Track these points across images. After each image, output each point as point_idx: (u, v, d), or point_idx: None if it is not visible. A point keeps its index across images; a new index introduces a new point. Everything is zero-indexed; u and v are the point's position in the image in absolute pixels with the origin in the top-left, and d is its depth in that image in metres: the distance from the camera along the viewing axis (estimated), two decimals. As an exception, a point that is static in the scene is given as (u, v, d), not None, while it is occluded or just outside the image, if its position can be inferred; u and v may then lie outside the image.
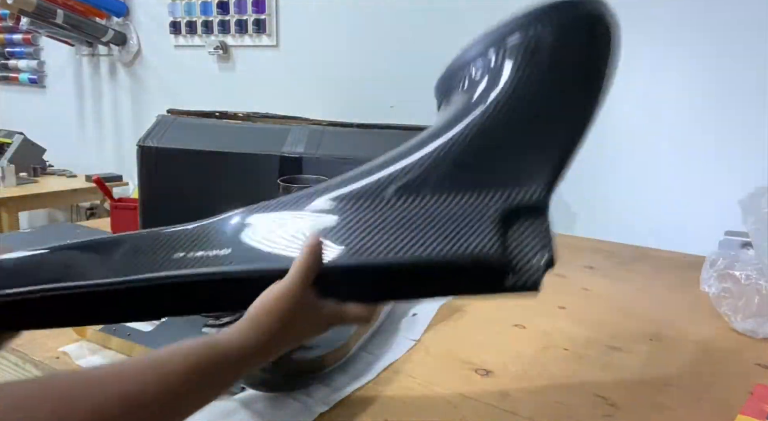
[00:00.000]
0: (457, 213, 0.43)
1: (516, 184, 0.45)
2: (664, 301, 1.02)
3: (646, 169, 1.40)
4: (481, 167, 0.45)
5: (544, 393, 0.73)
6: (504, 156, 0.46)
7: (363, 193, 0.45)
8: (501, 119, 0.47)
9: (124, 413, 0.33)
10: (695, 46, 1.30)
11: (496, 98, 0.47)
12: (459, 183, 0.44)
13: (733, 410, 0.70)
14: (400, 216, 0.43)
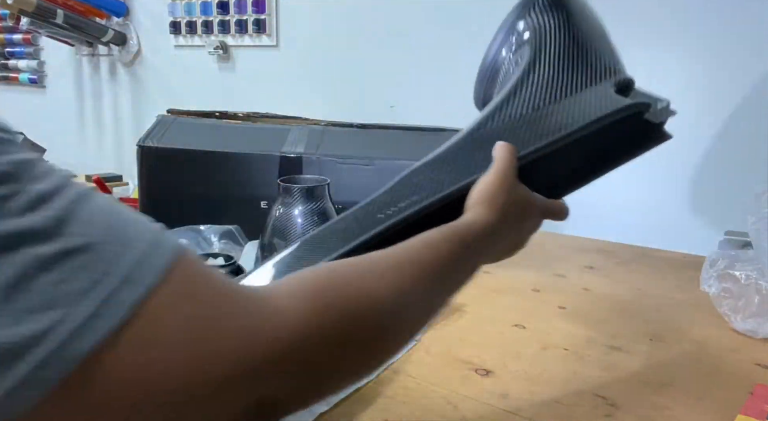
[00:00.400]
0: (591, 97, 0.56)
1: (608, 73, 0.60)
2: (664, 301, 1.02)
3: (646, 169, 1.40)
4: (580, 75, 0.59)
5: (544, 393, 0.73)
6: (590, 60, 0.60)
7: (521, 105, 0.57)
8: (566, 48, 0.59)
9: (417, 285, 0.38)
10: (696, 46, 1.30)
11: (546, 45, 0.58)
12: (576, 85, 0.58)
13: (733, 410, 0.70)
14: (553, 111, 0.55)
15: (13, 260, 0.23)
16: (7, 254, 0.23)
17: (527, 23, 0.61)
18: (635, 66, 1.36)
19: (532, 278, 1.08)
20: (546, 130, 0.52)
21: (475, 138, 0.56)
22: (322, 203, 1.05)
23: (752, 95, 1.25)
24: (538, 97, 0.56)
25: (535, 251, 1.23)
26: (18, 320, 0.23)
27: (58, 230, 0.25)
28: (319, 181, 1.10)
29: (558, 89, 0.56)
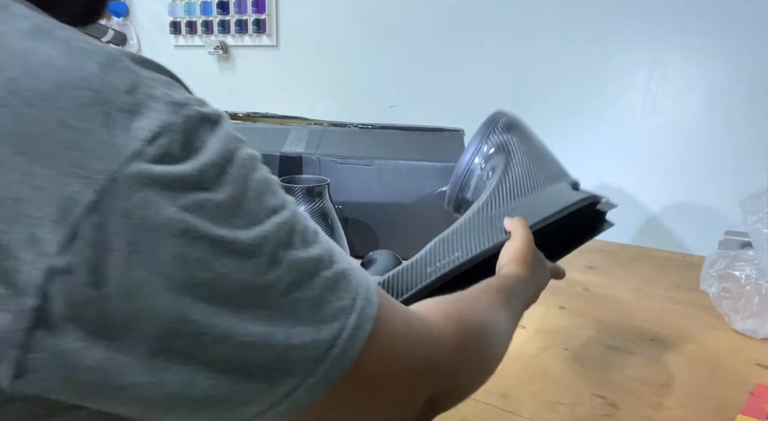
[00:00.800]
0: (560, 191, 0.75)
1: (561, 176, 0.79)
2: (664, 301, 1.02)
3: (645, 168, 1.40)
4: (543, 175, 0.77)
5: (544, 393, 0.73)
6: (549, 168, 0.79)
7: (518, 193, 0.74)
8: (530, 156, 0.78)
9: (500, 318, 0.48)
10: (696, 46, 1.30)
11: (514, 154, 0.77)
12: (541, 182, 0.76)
13: (733, 410, 0.70)
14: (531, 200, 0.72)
15: (314, 283, 0.30)
16: (311, 278, 0.30)
17: (492, 140, 0.79)
18: (637, 66, 1.36)
19: (532, 278, 1.08)
20: (536, 212, 0.68)
21: (484, 216, 0.70)
22: (323, 203, 1.05)
23: (752, 95, 1.25)
24: (517, 190, 0.73)
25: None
26: (319, 329, 0.30)
27: (330, 257, 0.32)
28: (319, 181, 1.11)
29: (530, 185, 0.74)
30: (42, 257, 0.24)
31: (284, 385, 0.29)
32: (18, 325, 0.24)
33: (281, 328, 0.29)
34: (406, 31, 1.67)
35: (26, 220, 0.24)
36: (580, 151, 1.46)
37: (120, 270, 0.25)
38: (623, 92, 1.39)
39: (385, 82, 1.74)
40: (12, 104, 0.24)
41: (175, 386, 0.27)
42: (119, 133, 0.25)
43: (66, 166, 0.24)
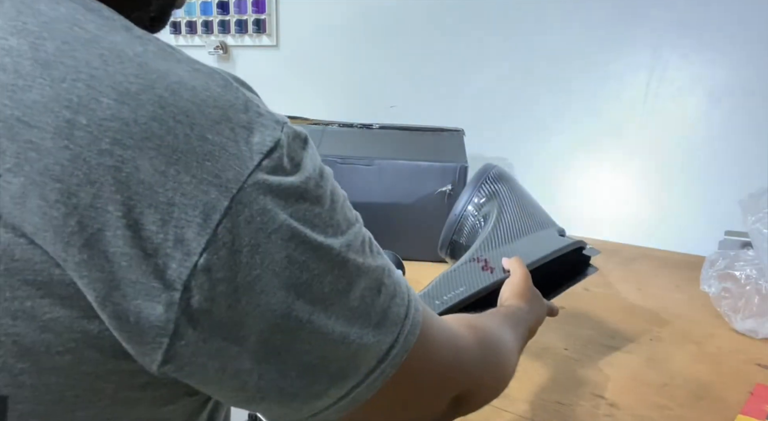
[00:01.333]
0: (549, 236, 0.83)
1: (547, 223, 0.86)
2: (664, 301, 1.02)
3: (646, 168, 1.40)
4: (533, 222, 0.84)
5: (544, 393, 0.73)
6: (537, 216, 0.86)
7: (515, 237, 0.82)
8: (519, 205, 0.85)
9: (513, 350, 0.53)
10: (696, 46, 1.30)
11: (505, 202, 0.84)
12: (531, 228, 0.83)
13: (733, 410, 0.70)
14: (525, 244, 0.79)
15: (381, 290, 0.34)
16: (380, 286, 0.34)
17: (483, 191, 0.86)
18: (637, 67, 1.36)
19: (532, 278, 1.08)
20: (530, 254, 0.74)
21: (483, 257, 0.77)
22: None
23: (752, 95, 1.25)
24: (510, 234, 0.80)
25: (535, 251, 1.23)
26: (383, 332, 0.34)
27: (390, 266, 0.36)
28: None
29: (521, 230, 0.81)
30: (188, 256, 0.27)
31: (351, 380, 0.33)
32: (169, 315, 0.27)
33: (355, 328, 0.32)
34: (406, 31, 1.67)
35: (176, 222, 0.27)
36: (580, 151, 1.46)
37: (244, 268, 0.28)
38: (623, 92, 1.39)
39: (385, 82, 1.74)
40: (164, 119, 0.27)
41: (272, 376, 0.30)
42: (243, 147, 0.29)
43: (206, 176, 0.27)
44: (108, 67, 0.27)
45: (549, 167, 1.52)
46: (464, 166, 1.14)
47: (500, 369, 0.49)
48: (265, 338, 0.30)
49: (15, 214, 0.26)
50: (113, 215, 0.26)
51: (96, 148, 0.26)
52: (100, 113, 0.26)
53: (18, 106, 0.26)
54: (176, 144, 0.27)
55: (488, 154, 1.57)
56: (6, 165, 0.25)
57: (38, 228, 0.26)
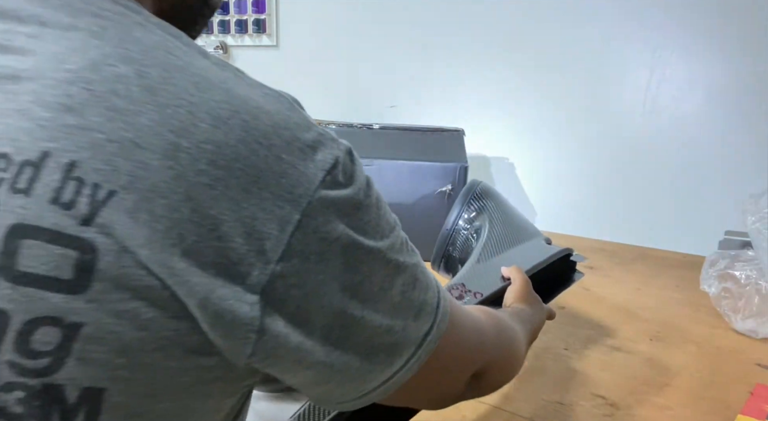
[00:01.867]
0: (538, 245, 0.86)
1: (534, 233, 0.89)
2: (664, 301, 1.02)
3: (646, 168, 1.40)
4: (522, 233, 0.88)
5: (544, 393, 0.74)
6: (525, 227, 0.90)
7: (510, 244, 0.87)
8: (506, 217, 0.90)
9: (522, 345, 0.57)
10: (696, 46, 1.30)
11: (493, 216, 0.89)
12: (520, 238, 0.87)
13: (733, 410, 0.70)
14: (517, 253, 0.83)
15: (417, 285, 0.38)
16: (416, 281, 0.38)
17: (473, 206, 0.91)
18: (638, 67, 1.36)
19: (532, 278, 1.08)
20: (524, 262, 0.78)
21: (483, 267, 0.80)
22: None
23: (752, 96, 1.25)
24: (502, 245, 0.85)
25: (535, 251, 1.23)
26: (421, 322, 0.38)
27: (422, 263, 0.40)
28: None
29: (511, 241, 0.85)
30: (267, 265, 0.31)
31: (396, 365, 0.38)
32: (254, 315, 0.31)
33: (398, 320, 0.37)
34: (407, 32, 1.67)
35: (258, 235, 0.30)
36: (579, 151, 1.46)
37: (311, 274, 0.32)
38: (623, 92, 1.39)
39: (385, 82, 1.74)
40: (248, 142, 0.30)
41: (339, 364, 0.35)
42: (310, 165, 0.32)
43: (281, 192, 0.31)
44: (202, 94, 0.30)
45: (549, 167, 1.52)
46: (464, 166, 1.14)
47: (512, 353, 0.54)
48: (327, 332, 0.34)
49: (128, 227, 0.28)
50: (206, 228, 0.29)
51: (195, 168, 0.29)
52: (198, 136, 0.29)
53: (131, 129, 0.29)
54: (258, 164, 0.30)
55: (488, 154, 1.57)
56: (121, 182, 0.28)
57: (147, 240, 0.29)
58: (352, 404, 0.40)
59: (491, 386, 0.52)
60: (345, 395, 0.38)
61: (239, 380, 0.35)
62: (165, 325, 0.30)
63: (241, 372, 0.34)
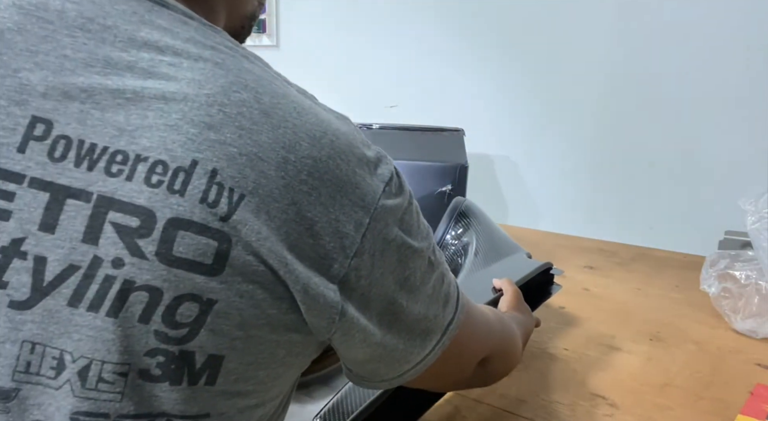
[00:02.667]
0: (521, 259, 0.93)
1: (515, 248, 0.96)
2: (664, 301, 1.02)
3: (646, 168, 1.40)
4: (505, 248, 0.95)
5: (545, 393, 0.74)
6: (507, 242, 0.97)
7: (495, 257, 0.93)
8: (491, 233, 0.97)
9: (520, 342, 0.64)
10: (696, 46, 1.30)
11: (478, 232, 0.95)
12: (504, 252, 0.93)
13: (733, 410, 0.70)
14: (503, 266, 0.89)
15: (443, 280, 0.46)
16: (443, 277, 0.46)
17: (459, 223, 0.96)
18: (636, 66, 1.36)
19: (532, 278, 1.08)
20: (512, 275, 0.82)
21: (472, 279, 0.87)
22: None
23: (752, 95, 1.25)
24: (488, 259, 0.91)
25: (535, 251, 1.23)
26: (447, 311, 0.46)
27: (445, 261, 0.47)
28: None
29: (496, 255, 0.92)
30: (345, 259, 0.38)
31: (428, 348, 0.45)
32: (336, 299, 0.38)
33: (431, 309, 0.44)
34: (407, 31, 1.67)
35: (340, 234, 0.37)
36: (579, 150, 1.46)
37: (375, 268, 0.39)
38: (623, 92, 1.39)
39: (385, 82, 1.74)
40: (333, 158, 0.37)
41: (390, 345, 0.43)
42: (374, 178, 0.39)
43: (356, 199, 0.38)
44: (301, 118, 0.37)
45: (549, 167, 1.52)
46: (464, 166, 1.14)
47: (512, 345, 0.60)
48: (381, 318, 0.41)
49: (253, 225, 0.35)
50: (303, 227, 0.36)
51: (299, 178, 0.36)
52: (301, 153, 0.36)
53: (254, 145, 0.35)
54: (341, 176, 0.37)
55: (488, 154, 1.57)
56: (249, 188, 0.35)
57: (266, 236, 0.35)
58: (389, 383, 0.47)
59: (494, 374, 0.59)
60: (387, 374, 0.46)
61: (310, 357, 0.43)
62: (272, 304, 0.36)
63: (314, 350, 0.42)
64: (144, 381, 0.34)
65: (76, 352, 0.34)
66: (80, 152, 0.35)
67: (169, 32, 0.38)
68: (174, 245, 0.34)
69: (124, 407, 0.34)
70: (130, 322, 0.34)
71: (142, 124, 0.35)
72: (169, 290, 0.34)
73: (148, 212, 0.34)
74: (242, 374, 0.37)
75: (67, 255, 0.34)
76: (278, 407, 0.44)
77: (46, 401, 0.34)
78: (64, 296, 0.34)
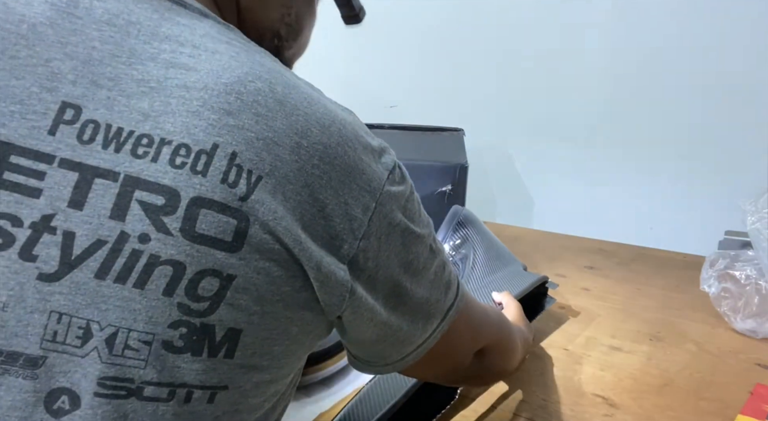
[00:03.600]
0: (518, 271, 0.94)
1: (513, 259, 0.98)
2: (664, 301, 1.02)
3: (646, 168, 1.40)
4: (503, 259, 0.97)
5: (545, 393, 0.74)
6: (504, 254, 0.99)
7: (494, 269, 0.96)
8: (489, 245, 0.99)
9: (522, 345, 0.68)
10: (695, 46, 1.30)
11: (476, 243, 0.98)
12: (501, 264, 0.95)
13: (733, 410, 0.70)
14: (501, 278, 0.91)
15: (444, 267, 0.48)
16: (444, 264, 0.48)
17: (458, 233, 0.98)
18: (635, 66, 1.36)
19: (532, 278, 1.08)
20: (511, 288, 0.85)
21: (471, 292, 0.88)
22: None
23: (752, 95, 1.25)
24: (486, 270, 0.93)
25: (535, 251, 1.23)
26: (448, 296, 0.49)
27: (445, 254, 0.49)
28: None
29: (494, 267, 0.94)
30: (354, 240, 0.40)
31: (429, 331, 0.47)
32: (346, 278, 0.40)
33: (433, 293, 0.47)
34: (406, 31, 1.67)
35: (349, 217, 0.40)
36: (579, 150, 1.47)
37: (381, 250, 0.42)
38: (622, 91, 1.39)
39: (385, 82, 1.74)
40: (341, 144, 0.40)
41: (395, 325, 0.45)
42: (379, 166, 0.42)
43: (363, 184, 0.40)
44: (311, 107, 0.40)
45: (549, 167, 1.52)
46: (464, 166, 1.14)
47: (510, 341, 0.62)
48: (386, 299, 0.43)
49: (270, 205, 0.37)
50: (316, 208, 0.38)
51: (311, 162, 0.38)
52: (313, 139, 0.39)
53: (270, 130, 0.38)
54: (348, 162, 0.40)
55: (488, 154, 1.58)
56: (266, 170, 0.37)
57: (282, 215, 0.37)
58: (393, 366, 0.49)
59: (491, 368, 0.60)
60: (391, 356, 0.48)
61: (320, 337, 0.44)
62: (287, 281, 0.38)
63: (323, 330, 0.43)
64: (167, 352, 0.36)
65: (103, 321, 0.36)
66: (108, 135, 0.37)
67: (188, 28, 0.40)
68: (197, 222, 0.36)
69: (147, 374, 0.36)
70: (155, 294, 0.36)
71: (165, 110, 0.37)
72: (192, 264, 0.36)
73: (172, 191, 0.36)
74: (258, 348, 0.39)
75: (94, 230, 0.36)
76: (288, 385, 0.46)
77: (72, 369, 0.36)
78: (91, 268, 0.36)
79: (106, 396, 0.36)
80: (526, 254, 1.18)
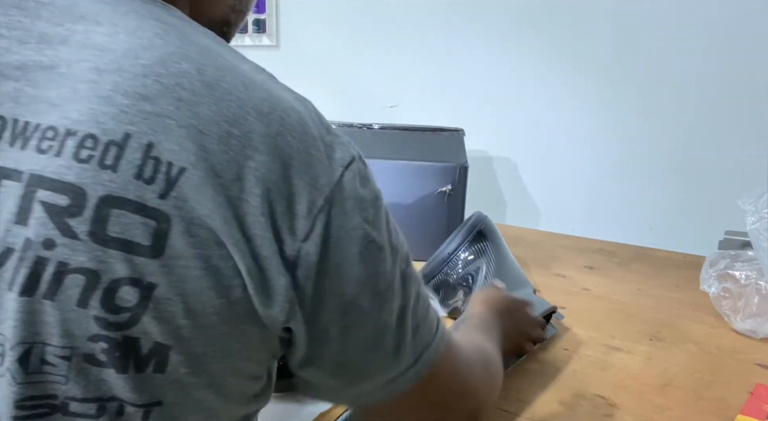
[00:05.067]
0: (524, 295, 0.87)
1: (524, 281, 0.96)
2: (664, 301, 1.02)
3: (645, 168, 1.40)
4: (515, 280, 0.93)
5: (545, 393, 0.74)
6: (518, 275, 0.96)
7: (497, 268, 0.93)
8: (503, 255, 0.96)
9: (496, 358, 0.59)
10: (694, 45, 1.30)
11: (491, 259, 0.94)
12: (512, 284, 0.90)
13: (733, 410, 0.70)
14: None
15: (422, 296, 0.42)
16: (419, 301, 0.42)
17: (474, 246, 0.94)
18: (637, 66, 1.36)
19: (533, 278, 1.08)
20: None
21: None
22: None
23: (752, 95, 1.25)
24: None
25: (535, 251, 1.23)
26: (421, 336, 0.42)
27: (423, 285, 0.43)
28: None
29: (508, 286, 0.89)
30: (296, 242, 0.35)
31: (394, 370, 0.41)
32: (288, 286, 0.35)
33: (401, 326, 0.40)
34: (407, 31, 1.67)
35: (291, 215, 0.35)
36: (579, 150, 1.47)
37: (329, 256, 0.36)
38: (623, 92, 1.39)
39: (385, 82, 1.74)
40: (284, 135, 0.35)
41: (349, 350, 0.39)
42: (330, 161, 0.36)
43: (309, 180, 0.35)
44: (248, 92, 0.35)
45: (549, 167, 1.52)
46: (464, 166, 1.14)
47: (496, 382, 0.57)
48: (339, 319, 0.38)
49: (197, 200, 0.33)
50: (252, 204, 0.34)
51: (244, 153, 0.34)
52: (246, 127, 0.34)
53: (195, 117, 0.33)
54: (292, 154, 0.35)
55: (488, 154, 1.58)
56: (190, 160, 0.33)
57: (210, 212, 0.33)
58: (349, 400, 0.44)
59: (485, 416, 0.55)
60: (346, 389, 0.42)
61: (273, 354, 0.39)
62: (220, 291, 0.34)
63: (276, 346, 0.38)
64: (90, 365, 0.33)
65: (13, 339, 0.32)
66: (14, 131, 0.33)
67: (110, 6, 0.36)
68: (108, 224, 0.32)
69: (70, 389, 0.33)
70: (68, 306, 0.32)
71: (72, 97, 0.33)
72: (106, 272, 0.32)
73: (77, 189, 0.32)
74: (193, 365, 0.35)
75: (3, 238, 0.32)
76: (260, 403, 0.42)
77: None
78: (5, 280, 0.32)
79: (25, 418, 0.33)
80: (526, 254, 1.18)
